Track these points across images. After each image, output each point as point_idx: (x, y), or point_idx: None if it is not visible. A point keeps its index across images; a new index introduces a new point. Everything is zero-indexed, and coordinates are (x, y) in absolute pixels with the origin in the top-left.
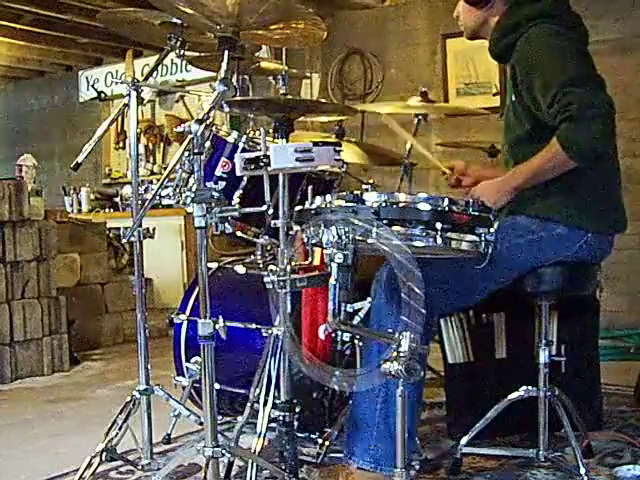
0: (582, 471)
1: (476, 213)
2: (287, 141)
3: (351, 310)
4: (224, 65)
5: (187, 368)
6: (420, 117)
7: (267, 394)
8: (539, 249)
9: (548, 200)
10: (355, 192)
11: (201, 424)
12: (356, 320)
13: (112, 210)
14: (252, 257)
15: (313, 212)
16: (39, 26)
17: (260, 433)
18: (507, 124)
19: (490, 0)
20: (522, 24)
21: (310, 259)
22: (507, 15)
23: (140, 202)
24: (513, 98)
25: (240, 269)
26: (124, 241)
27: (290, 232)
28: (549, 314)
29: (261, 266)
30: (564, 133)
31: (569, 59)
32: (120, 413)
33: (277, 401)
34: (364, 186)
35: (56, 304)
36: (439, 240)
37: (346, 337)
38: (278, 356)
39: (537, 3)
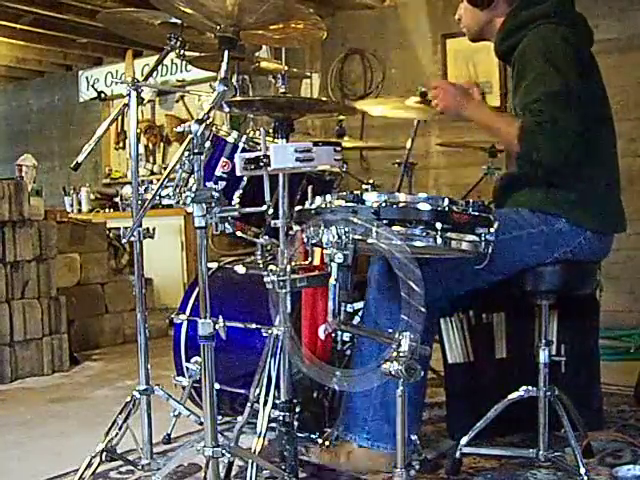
0: (582, 471)
1: (476, 213)
2: (287, 141)
3: (351, 310)
4: (224, 65)
5: (187, 368)
6: (419, 120)
7: (267, 394)
8: (539, 242)
9: (551, 195)
10: (355, 192)
11: (201, 424)
12: (356, 320)
13: (112, 210)
14: (252, 257)
15: (313, 212)
16: (39, 26)
17: (260, 433)
18: None
19: (493, 1)
20: (526, 25)
21: (310, 259)
22: (511, 16)
23: (140, 202)
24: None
25: (240, 269)
26: (124, 241)
27: (290, 232)
28: (549, 314)
29: (261, 266)
30: (527, 126)
31: (560, 69)
32: (120, 413)
33: (277, 401)
34: (364, 186)
35: (56, 304)
36: (439, 240)
37: (346, 337)
38: (278, 356)
39: (541, 4)
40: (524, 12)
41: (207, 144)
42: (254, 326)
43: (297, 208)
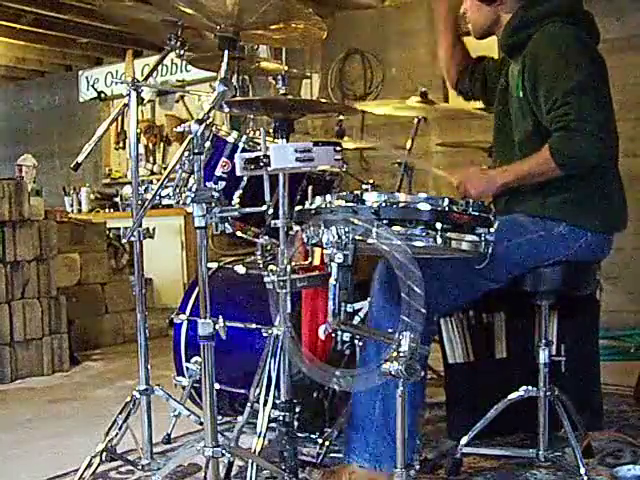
0: (582, 471)
1: (476, 213)
2: (287, 141)
3: (351, 310)
4: (224, 65)
5: (187, 368)
6: (420, 118)
7: (267, 394)
8: (539, 248)
9: (548, 199)
10: (355, 192)
11: (201, 424)
12: (356, 320)
13: (112, 210)
14: (252, 257)
15: (313, 212)
16: (39, 26)
17: (260, 433)
18: (515, 121)
19: None
20: (536, 21)
21: (310, 259)
22: (521, 12)
23: (140, 202)
24: (521, 94)
25: (240, 269)
26: (124, 241)
27: (290, 232)
28: (549, 314)
29: (261, 266)
30: (556, 142)
31: (577, 65)
32: (120, 413)
33: (277, 401)
34: (364, 186)
35: (56, 304)
36: (439, 240)
37: (346, 337)
38: (278, 356)
39: (552, 1)
40: (533, 9)
41: (207, 144)
42: (254, 326)
43: (297, 208)
